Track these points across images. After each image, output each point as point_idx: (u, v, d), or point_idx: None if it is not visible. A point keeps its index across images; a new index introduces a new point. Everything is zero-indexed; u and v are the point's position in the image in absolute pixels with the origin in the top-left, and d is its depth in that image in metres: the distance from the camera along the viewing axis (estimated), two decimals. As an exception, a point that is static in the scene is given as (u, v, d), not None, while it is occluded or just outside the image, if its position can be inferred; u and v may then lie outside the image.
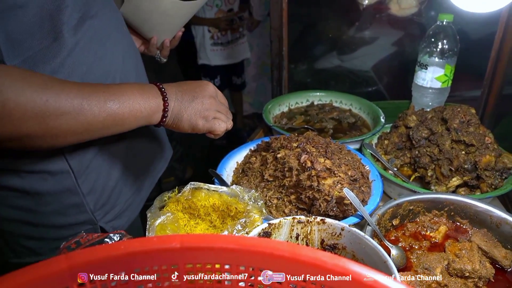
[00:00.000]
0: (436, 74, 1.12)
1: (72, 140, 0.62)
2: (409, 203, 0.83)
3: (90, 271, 0.44)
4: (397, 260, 0.74)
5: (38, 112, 0.55)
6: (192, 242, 0.45)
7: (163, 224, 0.64)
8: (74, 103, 0.58)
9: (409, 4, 1.26)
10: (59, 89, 0.57)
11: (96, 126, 0.62)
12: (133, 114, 0.65)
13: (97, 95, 0.61)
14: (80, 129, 0.60)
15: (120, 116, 0.63)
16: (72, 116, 0.58)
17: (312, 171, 0.80)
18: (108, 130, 0.64)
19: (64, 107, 0.57)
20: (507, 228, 0.78)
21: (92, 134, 0.63)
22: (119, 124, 0.64)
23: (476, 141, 0.91)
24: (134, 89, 0.66)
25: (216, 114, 0.74)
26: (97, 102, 0.61)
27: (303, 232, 0.72)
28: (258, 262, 0.45)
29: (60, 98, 0.57)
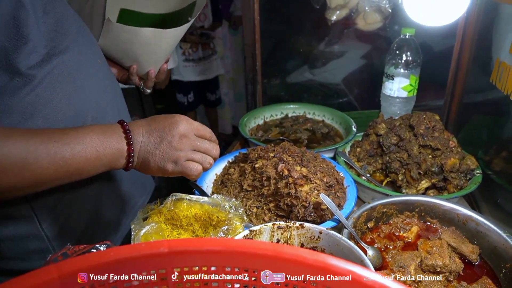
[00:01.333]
0: (402, 84, 1.18)
1: (20, 193, 0.58)
2: (382, 206, 0.87)
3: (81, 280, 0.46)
4: (374, 260, 0.78)
5: None
6: (179, 246, 0.47)
7: (148, 234, 0.65)
8: (16, 159, 0.54)
9: (374, 19, 1.34)
10: (12, 142, 0.54)
11: (46, 179, 0.57)
12: (90, 163, 0.60)
13: (47, 146, 0.56)
14: (27, 184, 0.56)
15: (75, 166, 0.58)
16: (15, 173, 0.54)
17: (289, 179, 0.84)
18: (62, 180, 0.60)
19: (4, 164, 0.53)
20: (472, 224, 0.83)
21: (43, 186, 0.59)
22: (75, 173, 0.60)
23: (441, 145, 0.96)
24: (93, 134, 0.60)
25: (189, 155, 0.67)
26: (46, 154, 0.56)
27: (283, 237, 0.75)
28: (243, 262, 0.47)
29: (2, 151, 0.53)
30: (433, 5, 1.07)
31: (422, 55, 1.20)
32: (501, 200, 0.96)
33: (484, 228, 0.81)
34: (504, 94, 0.92)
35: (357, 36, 1.53)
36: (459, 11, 1.06)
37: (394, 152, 1.02)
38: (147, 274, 0.48)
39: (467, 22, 1.18)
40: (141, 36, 0.88)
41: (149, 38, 0.89)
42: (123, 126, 0.63)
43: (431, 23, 1.11)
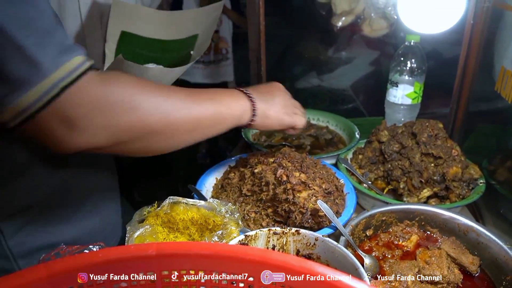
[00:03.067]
0: (407, 91, 1.18)
1: (186, 138, 0.67)
2: (381, 214, 0.86)
3: (69, 280, 0.46)
4: (371, 269, 0.77)
5: (159, 107, 0.60)
6: (168, 249, 0.47)
7: (142, 236, 0.66)
8: (186, 101, 0.65)
9: (380, 26, 1.33)
10: (171, 90, 0.65)
11: (204, 123, 0.68)
12: (231, 114, 0.72)
13: (201, 96, 0.68)
14: (193, 125, 0.66)
15: (222, 115, 0.71)
16: (186, 112, 0.64)
17: (287, 184, 0.83)
18: (211, 129, 0.70)
19: (178, 104, 0.64)
20: (473, 235, 0.82)
21: (200, 132, 0.69)
22: (221, 123, 0.71)
23: (443, 154, 0.95)
24: (227, 92, 0.74)
25: (295, 110, 0.84)
26: (203, 101, 0.68)
27: (279, 243, 0.75)
28: (231, 267, 0.47)
29: (175, 96, 0.64)
30: (427, 13, 1.07)
31: (427, 62, 1.19)
32: (504, 210, 0.94)
33: (485, 239, 0.80)
34: (508, 103, 0.91)
35: (363, 43, 1.52)
36: (454, 19, 1.06)
37: (396, 160, 1.01)
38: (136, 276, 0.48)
39: (473, 29, 1.17)
40: (149, 73, 0.90)
41: (156, 75, 0.91)
42: (241, 90, 0.77)
43: (426, 30, 1.12)
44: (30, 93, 0.50)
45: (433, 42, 1.33)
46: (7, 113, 0.52)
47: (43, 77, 0.50)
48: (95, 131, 0.55)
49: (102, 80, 0.56)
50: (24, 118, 0.52)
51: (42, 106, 0.51)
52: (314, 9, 1.39)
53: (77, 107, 0.53)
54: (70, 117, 0.53)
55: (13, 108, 0.51)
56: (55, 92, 0.51)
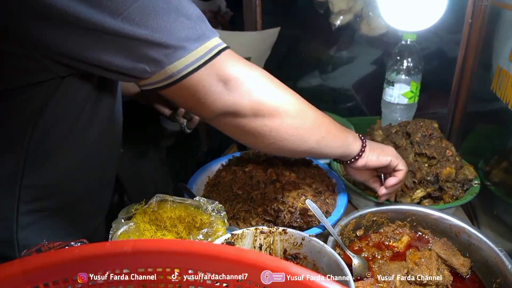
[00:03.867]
0: (403, 91, 1.16)
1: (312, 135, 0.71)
2: (372, 214, 0.86)
3: (44, 275, 0.46)
4: (359, 269, 0.76)
5: (298, 100, 0.70)
6: (144, 247, 0.47)
7: (126, 233, 0.65)
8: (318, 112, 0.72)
9: (378, 25, 1.32)
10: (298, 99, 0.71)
11: (321, 127, 0.72)
12: (344, 138, 0.77)
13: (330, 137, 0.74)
14: (314, 122, 0.71)
15: (336, 133, 0.75)
16: (316, 114, 0.71)
17: (277, 183, 0.83)
18: (324, 139, 0.73)
19: (314, 109, 0.71)
20: (465, 236, 0.81)
21: (320, 134, 0.72)
22: (332, 138, 0.75)
23: (437, 154, 0.94)
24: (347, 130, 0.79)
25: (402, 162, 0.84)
26: (327, 119, 0.74)
27: (266, 242, 0.74)
28: (206, 266, 0.47)
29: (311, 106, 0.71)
30: (408, 10, 1.06)
31: (425, 62, 1.17)
32: (498, 212, 0.93)
33: (477, 240, 0.79)
34: (505, 104, 0.90)
35: (363, 42, 1.51)
36: (436, 16, 1.05)
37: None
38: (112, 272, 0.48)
39: (471, 28, 1.15)
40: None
41: None
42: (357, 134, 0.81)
43: (407, 28, 1.12)
44: (198, 51, 0.59)
45: (431, 41, 1.32)
46: (165, 72, 0.59)
47: (207, 39, 0.60)
48: (245, 92, 0.63)
49: (238, 59, 0.65)
50: (187, 73, 0.60)
51: (207, 61, 0.60)
52: (312, 8, 1.38)
53: (233, 67, 0.63)
54: (227, 74, 0.62)
55: (178, 63, 0.59)
56: (216, 51, 0.61)
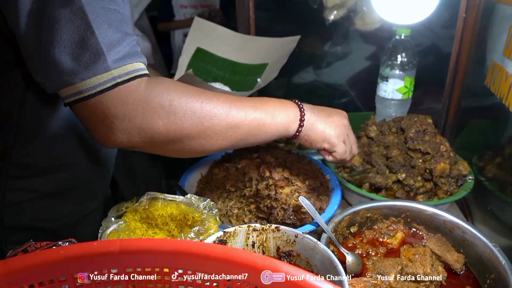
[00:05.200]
0: (397, 86, 1.16)
1: (222, 143, 0.67)
2: (366, 210, 0.85)
3: (28, 277, 0.45)
4: (353, 266, 0.76)
5: (195, 112, 0.63)
6: (131, 246, 0.46)
7: (115, 232, 0.64)
8: (224, 106, 0.65)
9: (372, 19, 1.31)
10: (211, 95, 0.66)
11: (242, 129, 0.68)
12: (274, 122, 0.70)
13: (243, 102, 0.68)
14: (229, 131, 0.66)
15: (263, 122, 0.69)
16: (223, 118, 0.65)
17: (270, 180, 0.82)
18: (251, 137, 0.70)
19: (215, 110, 0.64)
20: (459, 232, 0.80)
21: (238, 138, 0.68)
22: (262, 130, 0.70)
23: (431, 149, 0.93)
24: (275, 101, 0.73)
25: (345, 138, 0.78)
26: (243, 108, 0.67)
27: (258, 240, 0.73)
28: (194, 265, 0.46)
29: (212, 101, 0.65)
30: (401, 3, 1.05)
31: (419, 57, 1.17)
32: (492, 207, 0.92)
33: (471, 236, 0.78)
34: (499, 99, 0.89)
35: (357, 37, 1.50)
36: (429, 10, 1.04)
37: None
38: (99, 273, 0.47)
39: (465, 23, 1.14)
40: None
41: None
42: (294, 100, 0.75)
43: (400, 21, 1.11)
44: (89, 80, 0.57)
45: (425, 36, 1.31)
46: (63, 91, 0.59)
47: (104, 70, 0.57)
48: (133, 131, 0.61)
49: (148, 84, 0.61)
50: (76, 100, 0.58)
51: (94, 94, 0.58)
52: (305, 3, 1.37)
53: (121, 106, 0.59)
54: (113, 114, 0.59)
55: (71, 88, 0.58)
56: (109, 85, 0.58)
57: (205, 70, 1.08)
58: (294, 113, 0.73)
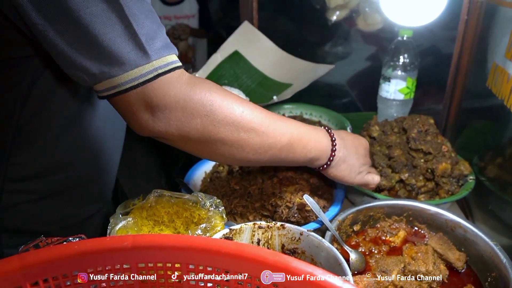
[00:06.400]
0: (399, 87, 1.17)
1: (250, 158, 0.67)
2: (369, 209, 0.86)
3: (43, 271, 0.46)
4: (356, 264, 0.77)
5: (235, 120, 0.63)
6: (143, 242, 0.47)
7: (124, 229, 0.65)
8: (263, 122, 0.65)
9: (374, 20, 1.32)
10: (253, 107, 0.65)
11: (273, 151, 0.68)
12: (305, 149, 0.71)
13: (282, 122, 0.68)
14: (261, 149, 0.66)
15: (293, 153, 0.70)
16: (259, 133, 0.65)
17: (274, 178, 0.83)
18: (278, 160, 0.70)
19: (255, 123, 0.64)
20: (460, 231, 0.81)
21: (266, 159, 0.69)
22: (289, 158, 0.71)
23: (433, 150, 0.95)
24: (310, 133, 0.72)
25: (369, 169, 0.84)
26: (281, 128, 0.67)
27: (264, 237, 0.74)
28: (206, 260, 0.47)
29: (254, 113, 0.65)
30: (409, 4, 1.06)
31: (421, 58, 1.18)
32: (492, 207, 0.94)
33: (472, 235, 0.80)
34: (500, 100, 0.90)
35: (359, 37, 1.51)
36: (437, 11, 1.06)
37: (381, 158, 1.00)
38: (112, 268, 0.48)
39: (467, 25, 1.16)
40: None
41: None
42: (328, 132, 0.76)
43: (406, 23, 1.12)
44: (131, 72, 0.57)
45: (427, 38, 1.32)
46: (102, 84, 0.58)
47: (146, 62, 0.57)
48: (171, 123, 0.61)
49: (190, 79, 0.61)
50: (117, 92, 0.58)
51: (136, 85, 0.58)
52: (308, 3, 1.38)
53: (163, 97, 0.59)
54: (155, 103, 0.59)
55: (111, 81, 0.58)
56: (150, 76, 0.58)
57: (234, 74, 1.09)
58: (327, 146, 0.74)
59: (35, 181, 0.75)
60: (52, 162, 0.76)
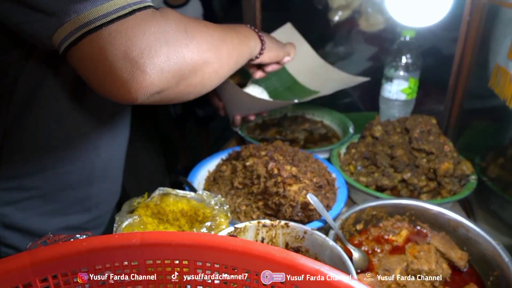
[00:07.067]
0: (401, 87, 1.17)
1: (227, 69, 0.71)
2: (372, 208, 0.86)
3: (52, 268, 0.46)
4: (359, 263, 0.77)
5: (208, 36, 0.64)
6: (151, 239, 0.48)
7: (130, 226, 0.66)
8: (223, 32, 0.69)
9: (376, 21, 1.33)
10: (208, 23, 0.67)
11: (236, 52, 0.73)
12: (248, 45, 0.80)
13: (225, 28, 0.72)
14: (230, 53, 0.70)
15: (244, 46, 0.78)
16: (223, 41, 0.68)
17: (278, 177, 0.83)
18: (239, 59, 0.76)
19: (221, 34, 0.68)
20: (463, 230, 0.82)
21: (233, 62, 0.73)
22: (243, 53, 0.78)
23: (435, 149, 0.95)
24: (241, 27, 0.81)
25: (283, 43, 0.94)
26: (232, 34, 0.73)
27: (268, 235, 0.75)
28: (214, 257, 0.47)
29: (216, 28, 0.68)
30: (417, 5, 1.06)
31: (423, 59, 1.18)
32: (494, 207, 0.94)
33: (474, 234, 0.80)
34: (502, 100, 0.91)
35: (361, 38, 1.52)
36: (442, 12, 1.06)
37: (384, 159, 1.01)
38: (120, 265, 0.48)
39: (469, 26, 1.16)
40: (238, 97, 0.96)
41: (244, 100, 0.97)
42: (249, 27, 0.84)
43: (413, 24, 1.12)
44: (103, 6, 0.50)
45: (429, 38, 1.32)
46: (64, 29, 0.50)
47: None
48: (162, 64, 0.54)
49: (161, 13, 0.57)
50: (90, 29, 0.50)
51: (110, 21, 0.50)
52: (311, 4, 1.39)
53: (143, 35, 0.52)
54: (137, 46, 0.52)
55: (76, 19, 0.50)
56: (127, 11, 0.51)
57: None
58: (256, 36, 0.83)
59: (30, 178, 0.75)
60: (45, 159, 0.75)
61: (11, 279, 0.44)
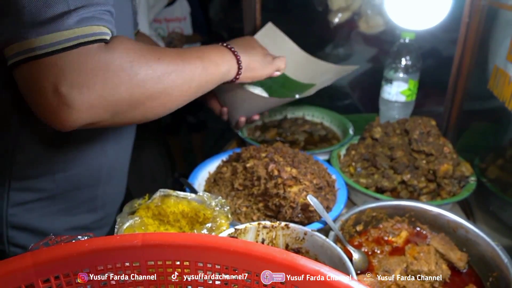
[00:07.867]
0: (401, 89, 1.18)
1: (180, 99, 0.68)
2: (372, 209, 0.87)
3: (55, 268, 0.47)
4: (359, 264, 0.78)
5: (156, 70, 0.61)
6: (153, 240, 0.48)
7: (131, 228, 0.66)
8: (178, 61, 0.65)
9: (376, 23, 1.33)
10: (162, 50, 0.66)
11: (196, 81, 0.69)
12: (217, 70, 0.74)
13: (190, 54, 0.69)
14: (185, 85, 0.67)
15: (211, 72, 0.72)
16: (179, 72, 0.65)
17: (278, 179, 0.84)
18: (202, 88, 0.72)
19: (172, 65, 0.64)
20: (462, 232, 0.82)
21: (193, 91, 0.70)
22: (210, 80, 0.73)
23: (435, 151, 0.96)
24: (213, 49, 0.76)
25: (272, 57, 0.89)
26: (193, 60, 0.69)
27: (268, 237, 0.75)
28: (214, 258, 0.48)
29: (167, 56, 0.64)
30: (415, 8, 1.07)
31: (422, 61, 1.19)
32: (493, 208, 0.95)
33: (474, 235, 0.81)
34: (501, 102, 0.91)
35: (360, 40, 1.52)
36: (442, 14, 1.07)
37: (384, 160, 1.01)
38: (122, 266, 0.49)
39: (468, 28, 1.17)
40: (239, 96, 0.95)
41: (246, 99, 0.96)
42: (224, 45, 0.79)
43: (412, 26, 1.13)
44: (49, 36, 0.51)
45: (428, 40, 1.33)
46: (14, 47, 0.52)
47: (69, 28, 0.52)
48: (95, 101, 0.54)
49: (107, 47, 0.56)
50: (29, 57, 0.51)
51: (52, 52, 0.51)
52: (311, 6, 1.39)
53: (79, 71, 0.53)
54: (68, 82, 0.52)
55: (24, 43, 0.51)
56: (70, 44, 0.52)
57: None
58: (232, 58, 0.78)
59: (40, 180, 0.76)
60: (56, 161, 0.76)
61: (13, 280, 0.44)
